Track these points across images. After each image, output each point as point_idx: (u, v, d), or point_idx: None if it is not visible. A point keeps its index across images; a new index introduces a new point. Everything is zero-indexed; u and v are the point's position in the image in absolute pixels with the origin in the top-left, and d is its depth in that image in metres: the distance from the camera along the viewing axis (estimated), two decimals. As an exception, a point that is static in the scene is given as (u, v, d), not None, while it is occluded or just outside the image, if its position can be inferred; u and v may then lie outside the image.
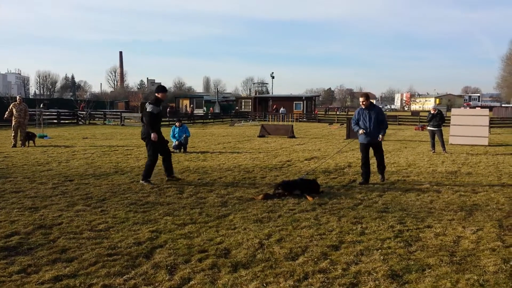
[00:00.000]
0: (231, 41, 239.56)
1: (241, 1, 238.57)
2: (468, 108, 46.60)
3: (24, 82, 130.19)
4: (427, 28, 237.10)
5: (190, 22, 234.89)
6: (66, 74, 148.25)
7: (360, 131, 8.82)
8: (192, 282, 3.95)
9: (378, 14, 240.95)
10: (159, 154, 8.73)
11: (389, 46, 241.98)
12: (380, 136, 8.79)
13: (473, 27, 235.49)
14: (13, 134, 15.75)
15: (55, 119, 33.35)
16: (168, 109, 51.67)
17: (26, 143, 15.81)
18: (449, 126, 18.65)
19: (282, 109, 45.46)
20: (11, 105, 16.09)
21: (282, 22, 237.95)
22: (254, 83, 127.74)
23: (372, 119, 8.79)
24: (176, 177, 9.07)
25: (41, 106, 27.36)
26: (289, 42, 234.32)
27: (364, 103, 8.86)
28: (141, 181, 8.54)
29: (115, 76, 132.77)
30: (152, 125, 8.48)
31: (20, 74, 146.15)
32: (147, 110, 8.58)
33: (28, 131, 16.40)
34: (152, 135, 8.43)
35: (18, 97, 17.17)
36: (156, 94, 8.75)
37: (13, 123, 15.77)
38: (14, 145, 15.50)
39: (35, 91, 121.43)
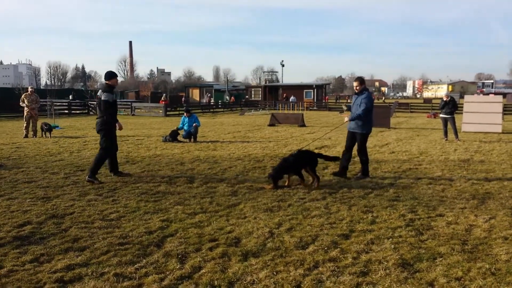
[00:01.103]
0: (241, 30, 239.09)
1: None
2: (481, 95, 45.96)
3: (35, 72, 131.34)
4: (438, 14, 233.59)
5: (199, 11, 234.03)
6: (76, 65, 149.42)
7: (343, 116, 8.68)
8: (203, 271, 3.98)
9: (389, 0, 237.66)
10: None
11: (401, 33, 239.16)
12: (343, 115, 8.49)
13: (485, 12, 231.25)
14: (24, 125, 15.89)
15: (66, 109, 33.58)
16: (183, 99, 51.96)
17: (39, 134, 15.96)
18: (462, 113, 18.43)
19: (292, 97, 45.16)
20: (23, 96, 16.21)
21: (292, 9, 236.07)
22: (264, 72, 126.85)
23: (355, 106, 8.23)
24: (123, 172, 8.44)
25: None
26: (299, 30, 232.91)
27: (357, 88, 8.25)
28: (87, 178, 7.70)
29: (125, 66, 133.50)
30: (112, 114, 7.99)
31: (31, 64, 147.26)
32: (102, 98, 7.89)
33: (46, 122, 16.54)
34: (117, 125, 8.09)
35: (29, 88, 17.34)
36: (107, 82, 8.12)
37: (24, 114, 15.91)
38: (26, 136, 15.65)
39: (46, 81, 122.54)
